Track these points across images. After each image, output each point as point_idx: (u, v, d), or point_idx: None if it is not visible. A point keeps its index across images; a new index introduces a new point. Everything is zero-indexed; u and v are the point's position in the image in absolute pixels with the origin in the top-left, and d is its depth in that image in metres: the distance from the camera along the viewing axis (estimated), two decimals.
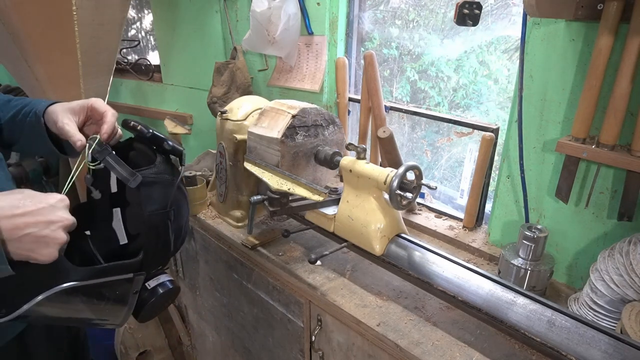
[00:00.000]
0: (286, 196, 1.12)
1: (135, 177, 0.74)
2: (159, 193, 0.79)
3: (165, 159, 0.83)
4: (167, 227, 0.82)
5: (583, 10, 0.91)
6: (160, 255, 0.84)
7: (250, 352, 1.51)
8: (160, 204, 0.79)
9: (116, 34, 1.75)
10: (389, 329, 0.97)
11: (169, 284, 0.85)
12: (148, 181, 0.76)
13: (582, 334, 0.75)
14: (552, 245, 1.14)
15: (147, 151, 0.85)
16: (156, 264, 0.84)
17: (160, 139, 0.83)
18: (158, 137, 0.83)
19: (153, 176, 0.78)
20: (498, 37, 1.25)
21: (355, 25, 1.60)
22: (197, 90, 2.16)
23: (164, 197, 0.79)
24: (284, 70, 1.75)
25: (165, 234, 0.82)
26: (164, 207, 0.79)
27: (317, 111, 1.15)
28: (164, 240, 0.82)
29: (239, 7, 1.79)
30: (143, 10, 2.52)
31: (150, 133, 0.82)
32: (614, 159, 0.92)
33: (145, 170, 0.77)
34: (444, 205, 1.50)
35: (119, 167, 0.74)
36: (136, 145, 0.87)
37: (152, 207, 0.78)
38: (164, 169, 0.81)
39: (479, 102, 1.35)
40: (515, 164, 1.16)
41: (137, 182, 0.74)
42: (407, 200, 0.94)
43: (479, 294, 0.87)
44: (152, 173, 0.78)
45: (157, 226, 0.80)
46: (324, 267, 1.19)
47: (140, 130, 0.82)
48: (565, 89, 1.03)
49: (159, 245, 0.82)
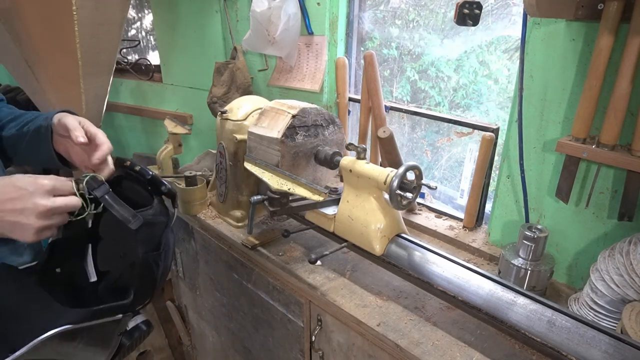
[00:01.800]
0: (286, 196, 1.12)
1: (136, 219, 0.72)
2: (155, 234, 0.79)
3: (160, 200, 0.82)
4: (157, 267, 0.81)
5: (583, 10, 0.91)
6: (148, 294, 0.84)
7: (250, 352, 1.51)
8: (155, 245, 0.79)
9: (116, 34, 1.75)
10: (389, 329, 0.97)
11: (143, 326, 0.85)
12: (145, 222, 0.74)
13: (583, 334, 0.75)
14: (553, 245, 1.14)
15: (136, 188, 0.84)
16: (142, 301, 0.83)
17: (159, 181, 0.82)
18: (157, 179, 0.82)
19: (150, 217, 0.76)
20: (498, 37, 1.25)
21: (355, 25, 1.60)
22: (197, 90, 2.16)
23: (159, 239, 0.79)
24: (284, 70, 1.75)
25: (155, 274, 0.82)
26: (158, 248, 0.79)
27: (317, 111, 1.15)
28: (153, 279, 0.82)
29: (239, 7, 1.79)
30: (143, 10, 2.52)
31: (151, 175, 0.82)
32: (614, 159, 0.92)
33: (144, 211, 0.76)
34: (444, 205, 1.50)
35: (118, 207, 0.72)
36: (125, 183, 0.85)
37: (147, 248, 0.77)
38: (160, 210, 0.80)
39: (479, 102, 1.35)
40: (515, 164, 1.16)
41: (138, 223, 0.72)
42: (407, 200, 0.94)
43: (479, 294, 0.87)
44: (150, 215, 0.76)
45: (149, 266, 0.79)
46: (324, 267, 1.19)
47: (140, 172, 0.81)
48: (565, 89, 1.03)
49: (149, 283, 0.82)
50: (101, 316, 0.73)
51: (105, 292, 0.85)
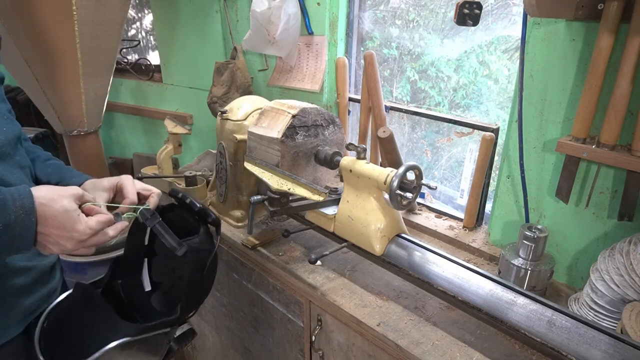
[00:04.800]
0: (286, 196, 1.12)
1: (182, 247, 0.83)
2: (201, 259, 0.88)
3: (205, 230, 0.92)
4: (201, 286, 0.94)
5: (583, 10, 0.91)
6: (192, 308, 0.95)
7: (250, 352, 1.51)
8: (200, 268, 0.89)
9: (116, 34, 1.75)
10: (389, 329, 0.97)
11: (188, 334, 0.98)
12: (193, 248, 0.85)
13: (583, 334, 0.75)
14: (553, 245, 1.14)
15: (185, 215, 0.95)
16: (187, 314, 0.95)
17: (206, 212, 0.92)
18: (205, 210, 0.92)
19: (196, 244, 0.87)
20: (498, 37, 1.25)
21: (355, 25, 1.60)
22: (197, 90, 2.16)
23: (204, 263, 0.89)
24: (284, 70, 1.75)
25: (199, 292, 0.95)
26: (202, 270, 0.89)
27: (317, 111, 1.15)
28: (198, 296, 0.95)
29: (239, 7, 1.79)
30: (143, 10, 2.52)
31: (199, 207, 0.91)
32: (615, 158, 0.92)
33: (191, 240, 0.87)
34: (444, 205, 1.50)
35: (167, 236, 0.83)
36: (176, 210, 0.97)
37: (193, 270, 0.88)
38: (206, 238, 0.91)
39: (479, 102, 1.35)
40: (515, 164, 1.16)
41: (183, 251, 0.83)
42: (407, 200, 0.94)
43: (479, 294, 0.87)
44: (196, 242, 0.87)
45: (194, 286, 0.90)
46: (324, 267, 1.19)
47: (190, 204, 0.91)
48: (565, 88, 1.03)
49: (194, 300, 0.94)
50: (153, 329, 0.84)
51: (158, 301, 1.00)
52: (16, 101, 2.62)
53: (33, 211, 0.67)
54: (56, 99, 1.70)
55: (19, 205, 0.65)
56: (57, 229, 0.69)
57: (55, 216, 0.69)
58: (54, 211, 0.69)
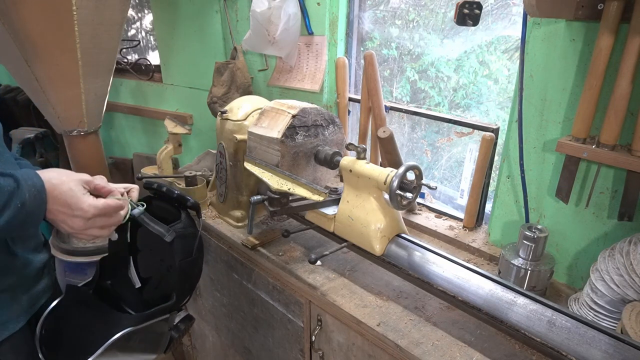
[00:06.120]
0: (286, 196, 1.12)
1: (170, 232, 0.85)
2: (187, 244, 0.91)
3: (187, 214, 0.94)
4: (193, 270, 0.96)
5: (583, 10, 0.91)
6: (187, 294, 0.98)
7: (250, 352, 1.51)
8: (188, 252, 0.91)
9: (116, 34, 1.75)
10: (389, 329, 0.97)
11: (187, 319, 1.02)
12: (179, 234, 0.87)
13: (583, 334, 0.75)
14: (553, 245, 1.14)
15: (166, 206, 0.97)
16: (183, 300, 0.97)
17: (184, 197, 0.94)
18: (182, 196, 0.94)
19: (181, 230, 0.89)
20: (498, 37, 1.25)
21: (355, 25, 1.60)
22: (197, 90, 2.16)
23: (191, 247, 0.92)
24: (284, 70, 1.75)
25: (191, 277, 0.97)
26: (191, 254, 0.91)
27: (317, 111, 1.15)
28: (191, 281, 0.98)
29: (239, 7, 1.79)
30: (143, 10, 2.52)
31: (176, 193, 0.94)
32: (615, 159, 0.92)
33: (174, 225, 0.88)
34: (444, 205, 1.50)
35: (154, 224, 0.85)
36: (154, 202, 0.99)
37: (182, 257, 0.90)
38: (189, 223, 0.92)
39: (479, 102, 1.35)
40: (515, 164, 1.16)
41: (172, 236, 0.85)
42: (407, 200, 0.94)
43: (479, 294, 0.87)
44: (181, 227, 0.89)
45: (185, 271, 0.92)
46: (324, 267, 1.19)
47: (167, 192, 0.94)
48: (565, 89, 1.03)
49: (187, 286, 0.96)
50: (153, 317, 0.87)
51: (150, 295, 1.02)
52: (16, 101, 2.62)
53: (43, 189, 0.72)
54: (56, 99, 1.70)
55: (30, 184, 0.70)
56: (63, 206, 0.74)
57: (61, 194, 0.74)
58: (60, 191, 0.74)
